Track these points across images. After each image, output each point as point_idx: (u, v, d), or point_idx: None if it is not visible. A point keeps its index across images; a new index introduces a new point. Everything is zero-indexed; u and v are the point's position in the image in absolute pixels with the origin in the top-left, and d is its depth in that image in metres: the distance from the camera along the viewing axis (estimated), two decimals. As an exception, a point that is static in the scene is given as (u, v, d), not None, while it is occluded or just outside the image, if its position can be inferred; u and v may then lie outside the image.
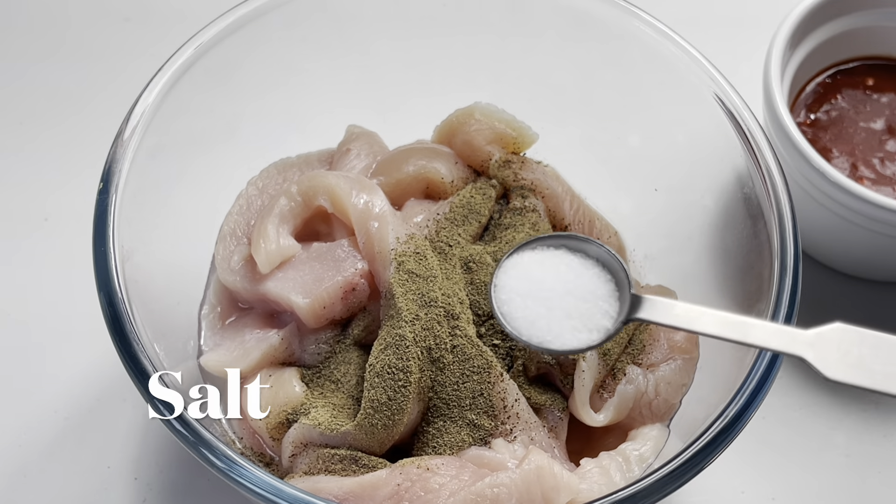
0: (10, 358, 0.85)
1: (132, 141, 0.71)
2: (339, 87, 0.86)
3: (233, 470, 0.59)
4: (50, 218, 0.92)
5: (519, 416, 0.69)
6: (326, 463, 0.67)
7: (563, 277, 0.65)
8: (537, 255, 0.68)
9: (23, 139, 0.97)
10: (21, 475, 0.80)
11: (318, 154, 0.83)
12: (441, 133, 0.83)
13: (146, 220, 0.72)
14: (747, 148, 0.74)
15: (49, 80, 1.01)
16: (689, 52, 0.78)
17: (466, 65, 0.87)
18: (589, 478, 0.67)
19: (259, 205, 0.78)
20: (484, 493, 0.63)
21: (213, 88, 0.78)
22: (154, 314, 0.69)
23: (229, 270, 0.75)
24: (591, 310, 0.65)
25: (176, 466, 0.80)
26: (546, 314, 0.64)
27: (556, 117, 0.84)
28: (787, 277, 0.68)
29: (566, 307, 0.65)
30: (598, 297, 0.65)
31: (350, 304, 0.73)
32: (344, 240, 0.74)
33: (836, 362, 0.58)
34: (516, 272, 0.66)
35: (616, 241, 0.82)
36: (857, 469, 0.83)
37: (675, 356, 0.73)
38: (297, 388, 0.71)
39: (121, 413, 0.82)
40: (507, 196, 0.81)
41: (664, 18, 0.80)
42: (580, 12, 0.82)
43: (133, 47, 1.03)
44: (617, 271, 0.65)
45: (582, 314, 0.65)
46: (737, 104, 0.75)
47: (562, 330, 0.64)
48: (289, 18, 0.80)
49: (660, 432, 0.72)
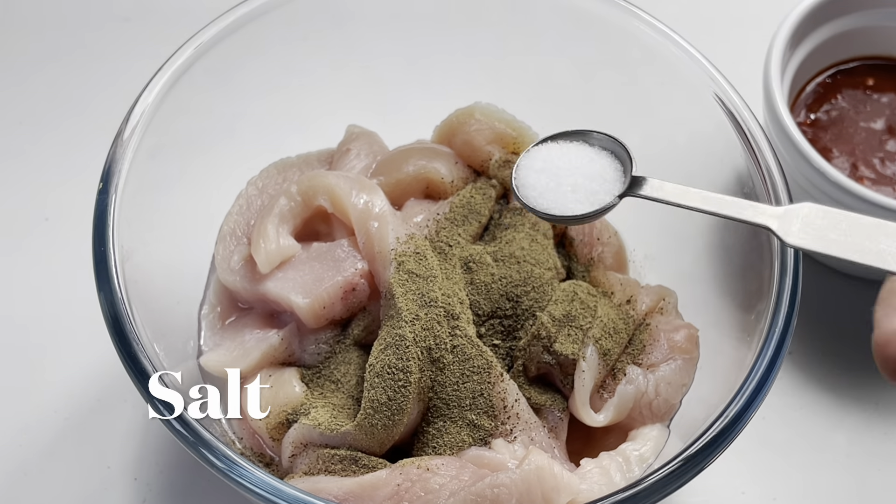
0: (10, 358, 0.85)
1: (132, 141, 0.71)
2: (339, 87, 0.86)
3: (232, 470, 0.59)
4: (50, 218, 0.92)
5: (519, 416, 0.69)
6: (326, 463, 0.67)
7: (574, 162, 0.70)
8: (559, 145, 0.72)
9: (23, 139, 0.97)
10: (21, 475, 0.80)
11: (317, 154, 0.83)
12: (441, 133, 0.83)
13: (146, 220, 0.72)
14: (747, 148, 0.74)
15: (49, 80, 1.01)
16: (689, 52, 0.78)
17: (466, 65, 0.87)
18: (589, 478, 0.67)
19: (259, 205, 0.78)
20: (484, 493, 0.63)
21: (212, 88, 0.78)
22: (154, 314, 0.69)
23: (229, 270, 0.75)
24: (596, 189, 0.69)
25: (176, 467, 0.80)
26: (555, 188, 0.70)
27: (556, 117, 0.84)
28: (787, 277, 0.68)
29: (573, 183, 0.69)
30: (605, 180, 0.69)
31: (350, 304, 0.73)
32: (344, 240, 0.74)
33: (798, 231, 0.60)
34: (537, 154, 0.71)
35: (616, 240, 0.82)
36: (857, 469, 0.83)
37: (676, 356, 0.73)
38: (297, 388, 0.71)
39: (121, 413, 0.82)
40: (507, 196, 0.81)
41: (664, 18, 0.80)
42: (580, 12, 0.82)
43: (133, 47, 1.03)
44: (625, 161, 0.70)
45: (587, 190, 0.69)
46: (737, 104, 0.75)
47: (566, 202, 0.69)
48: (289, 18, 0.80)
49: (660, 432, 0.72)
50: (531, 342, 0.72)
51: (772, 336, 0.66)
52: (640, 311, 0.76)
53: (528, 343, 0.72)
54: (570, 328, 0.71)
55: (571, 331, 0.71)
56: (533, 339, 0.72)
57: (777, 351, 0.66)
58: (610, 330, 0.73)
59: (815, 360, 0.88)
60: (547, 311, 0.72)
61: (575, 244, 0.80)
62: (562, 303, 0.72)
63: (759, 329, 0.68)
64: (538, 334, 0.71)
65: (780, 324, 0.67)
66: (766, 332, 0.67)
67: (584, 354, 0.71)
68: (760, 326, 0.68)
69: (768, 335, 0.66)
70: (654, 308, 0.76)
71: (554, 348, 0.71)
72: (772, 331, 0.66)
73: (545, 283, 0.74)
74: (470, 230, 0.77)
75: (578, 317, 0.72)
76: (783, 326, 0.67)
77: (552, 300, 0.73)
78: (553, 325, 0.71)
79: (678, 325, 0.75)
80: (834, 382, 0.87)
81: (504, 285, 0.73)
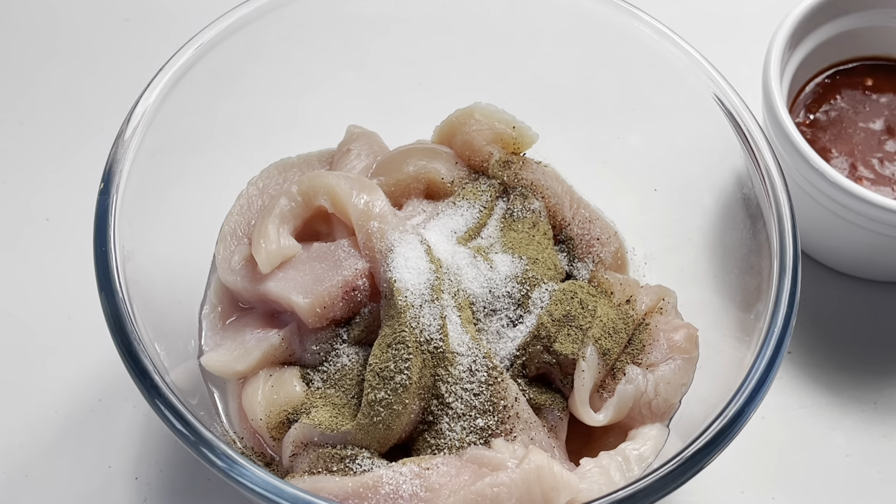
0: (11, 358, 0.85)
1: (133, 141, 0.71)
2: (339, 88, 0.86)
3: (233, 469, 0.59)
4: (51, 218, 0.92)
5: (519, 415, 0.69)
6: (327, 462, 0.67)
7: None
8: None
9: (24, 139, 0.97)
10: (22, 475, 0.80)
11: (318, 154, 0.83)
12: (441, 133, 0.83)
13: (147, 220, 0.72)
14: (747, 148, 0.74)
15: (50, 80, 1.01)
16: (689, 53, 0.78)
17: (466, 65, 0.87)
18: (589, 477, 0.67)
19: (259, 205, 0.79)
20: (484, 492, 0.63)
21: (213, 89, 0.78)
22: (155, 314, 0.69)
23: (230, 270, 0.75)
24: None
25: (176, 466, 0.80)
26: None
27: (556, 117, 0.84)
28: (787, 277, 0.68)
29: None
30: None
31: (350, 304, 0.73)
32: (344, 240, 0.74)
33: None
34: None
35: (616, 241, 0.82)
36: (857, 469, 0.84)
37: (675, 356, 0.74)
38: (298, 387, 0.71)
39: (122, 413, 0.82)
40: (507, 196, 0.81)
41: (664, 19, 0.80)
42: (580, 12, 0.82)
43: (133, 48, 1.03)
44: None
45: None
46: (736, 104, 0.76)
47: None
48: (290, 19, 0.80)
49: (659, 432, 0.72)
50: (531, 342, 0.72)
51: (771, 336, 0.66)
52: (640, 311, 0.76)
53: (527, 343, 0.72)
54: (570, 328, 0.72)
55: (571, 331, 0.72)
56: (533, 339, 0.72)
57: (776, 351, 0.66)
58: (609, 330, 0.73)
59: (814, 361, 0.88)
60: (547, 311, 0.72)
61: (575, 244, 0.81)
62: (562, 303, 0.73)
63: (759, 329, 0.68)
64: (538, 334, 0.72)
65: (779, 323, 0.67)
66: (765, 331, 0.67)
67: (583, 354, 0.71)
68: (760, 326, 0.68)
69: (767, 335, 0.67)
70: (653, 308, 0.76)
71: (554, 348, 0.71)
72: (771, 330, 0.67)
73: (545, 283, 0.74)
74: (470, 230, 0.77)
75: (578, 316, 0.72)
76: (782, 326, 0.67)
77: (552, 300, 0.73)
78: (553, 325, 0.72)
79: (677, 324, 0.75)
80: (833, 382, 0.87)
81: (504, 285, 0.73)
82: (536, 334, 0.72)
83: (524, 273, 0.74)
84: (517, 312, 0.73)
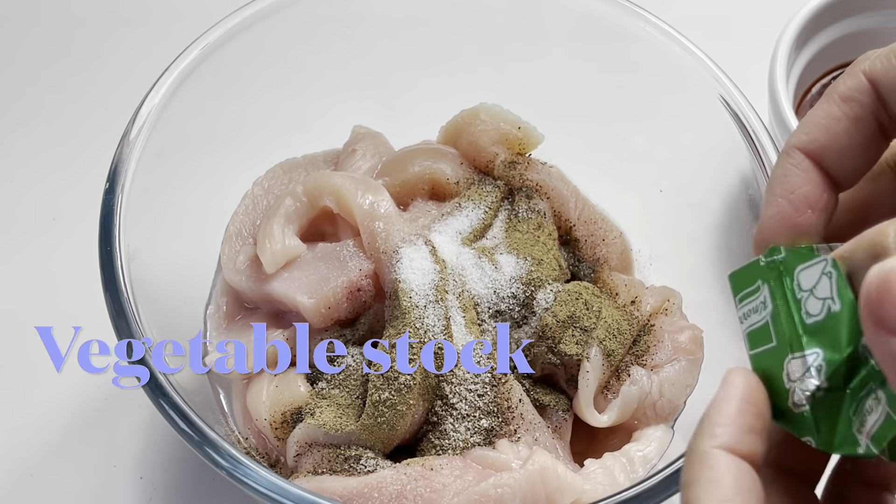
0: (15, 357, 0.85)
1: (138, 141, 0.71)
2: (344, 88, 0.86)
3: (238, 469, 0.60)
4: (57, 218, 0.92)
5: (523, 416, 0.69)
6: (331, 463, 0.67)
7: None
8: None
9: (29, 139, 0.97)
10: (27, 474, 0.80)
11: (323, 154, 0.83)
12: (446, 134, 0.83)
13: (152, 220, 0.72)
14: (752, 149, 0.74)
15: (55, 80, 1.01)
16: (695, 54, 0.78)
17: (472, 65, 0.87)
18: (593, 478, 0.67)
19: (265, 205, 0.79)
20: (488, 493, 0.63)
21: (219, 89, 0.78)
22: (160, 314, 0.69)
23: (235, 270, 0.75)
24: None
25: (181, 466, 0.81)
26: None
27: (562, 118, 0.84)
28: (792, 279, 0.68)
29: None
30: None
31: (355, 305, 0.73)
32: (349, 240, 0.74)
33: None
34: None
35: (621, 241, 0.82)
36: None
37: (680, 357, 0.74)
38: (302, 388, 0.71)
39: (126, 412, 0.83)
40: (512, 197, 0.81)
41: (669, 20, 0.80)
42: (586, 13, 0.82)
43: (137, 48, 1.03)
44: None
45: None
46: (742, 106, 0.75)
47: None
48: (295, 19, 0.80)
49: (664, 433, 0.72)
50: (535, 343, 0.72)
51: (776, 337, 0.66)
52: (645, 312, 0.76)
53: (532, 344, 0.72)
54: (575, 329, 0.72)
55: (576, 331, 0.71)
56: (537, 340, 0.72)
57: (781, 352, 0.65)
58: (614, 331, 0.73)
59: (819, 362, 0.87)
60: (551, 312, 0.72)
61: (580, 245, 0.81)
62: (566, 303, 0.73)
63: (764, 330, 0.68)
64: (542, 335, 0.72)
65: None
66: (770, 333, 0.67)
67: (588, 355, 0.71)
68: (765, 328, 0.68)
69: (772, 336, 0.66)
70: (658, 309, 0.76)
71: (558, 349, 0.71)
72: (776, 332, 0.66)
73: (550, 284, 0.74)
74: (475, 231, 0.77)
75: (583, 318, 0.72)
76: (787, 328, 0.66)
77: (557, 301, 0.73)
78: (557, 326, 0.71)
79: (682, 326, 0.75)
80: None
81: (509, 286, 0.73)
82: (541, 335, 0.72)
83: (529, 274, 0.74)
84: (522, 313, 0.73)
